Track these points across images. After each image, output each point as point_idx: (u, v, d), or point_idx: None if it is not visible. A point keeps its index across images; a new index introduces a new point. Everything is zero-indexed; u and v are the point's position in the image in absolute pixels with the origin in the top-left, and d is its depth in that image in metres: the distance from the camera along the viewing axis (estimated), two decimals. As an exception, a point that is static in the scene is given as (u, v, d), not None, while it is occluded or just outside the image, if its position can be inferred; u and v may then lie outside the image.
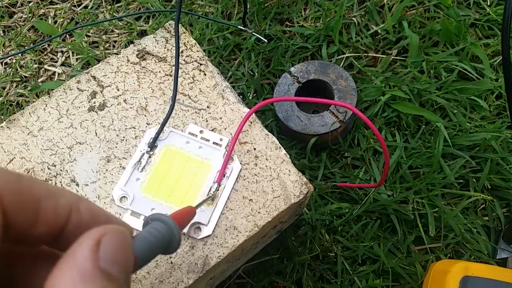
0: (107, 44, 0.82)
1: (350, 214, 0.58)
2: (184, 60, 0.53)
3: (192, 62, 0.53)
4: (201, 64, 0.53)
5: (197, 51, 0.54)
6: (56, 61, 0.82)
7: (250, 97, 0.70)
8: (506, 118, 0.64)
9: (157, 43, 0.54)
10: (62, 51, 0.83)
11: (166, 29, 0.55)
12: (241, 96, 0.68)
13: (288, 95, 0.65)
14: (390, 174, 0.61)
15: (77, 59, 0.81)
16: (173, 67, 0.52)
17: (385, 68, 0.70)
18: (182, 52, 0.53)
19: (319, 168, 0.63)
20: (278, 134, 0.67)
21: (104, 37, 0.82)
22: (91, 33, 0.83)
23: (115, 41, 0.82)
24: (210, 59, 0.70)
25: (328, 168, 0.63)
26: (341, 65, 0.71)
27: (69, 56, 0.82)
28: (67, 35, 0.84)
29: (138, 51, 0.54)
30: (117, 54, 0.54)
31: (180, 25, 0.55)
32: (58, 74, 0.80)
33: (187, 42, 0.54)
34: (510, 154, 0.60)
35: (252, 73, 0.72)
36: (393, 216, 0.58)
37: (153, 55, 0.54)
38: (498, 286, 0.44)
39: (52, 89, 0.52)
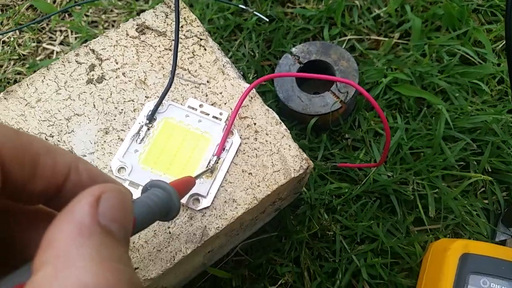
0: (106, 24, 0.81)
1: (349, 194, 0.58)
2: (184, 35, 0.52)
3: (192, 37, 0.52)
4: (201, 39, 0.52)
5: (197, 26, 0.53)
6: (55, 40, 0.81)
7: (251, 78, 0.69)
8: (508, 103, 0.63)
9: (157, 17, 0.53)
10: (60, 30, 0.82)
11: (166, 4, 0.54)
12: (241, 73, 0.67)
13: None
14: (390, 156, 0.61)
15: (75, 38, 0.80)
16: (173, 42, 0.52)
17: (387, 51, 0.70)
18: (182, 27, 0.53)
19: (319, 149, 0.62)
20: (278, 116, 0.66)
21: (103, 16, 0.81)
22: (90, 12, 0.82)
23: (114, 21, 0.81)
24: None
25: (328, 149, 0.63)
26: (343, 48, 0.70)
27: (67, 35, 0.81)
28: (66, 15, 0.83)
29: (137, 25, 0.53)
30: (116, 28, 0.53)
31: (180, 0, 0.54)
32: (57, 52, 0.79)
33: (187, 17, 0.53)
34: (511, 137, 0.60)
35: (252, 54, 0.71)
36: (392, 196, 0.58)
37: (152, 29, 0.53)
38: (497, 263, 0.44)
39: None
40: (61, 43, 0.81)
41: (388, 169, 0.60)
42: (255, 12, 0.68)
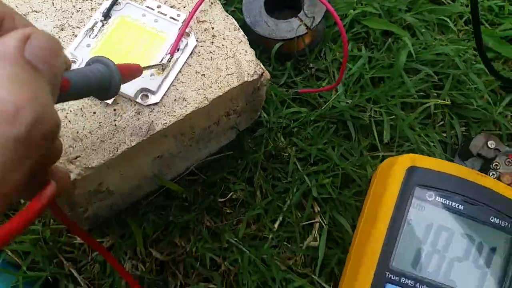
0: None
1: (307, 117, 0.58)
2: None
3: None
4: None
5: None
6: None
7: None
8: (472, 43, 0.64)
9: None
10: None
11: None
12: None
13: (258, 1, 0.63)
14: (351, 84, 0.61)
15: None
16: None
17: (359, -12, 0.69)
18: None
19: (283, 76, 0.62)
20: (245, 42, 0.66)
21: None
22: None
23: None
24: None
25: (291, 77, 0.63)
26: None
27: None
28: None
29: None
30: None
31: None
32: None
33: None
34: (472, 72, 0.60)
35: (223, -20, 0.70)
36: (349, 122, 0.58)
37: None
38: (444, 177, 0.44)
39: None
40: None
41: (348, 96, 0.60)
42: None
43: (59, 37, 0.46)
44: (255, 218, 0.55)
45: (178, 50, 0.45)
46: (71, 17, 0.47)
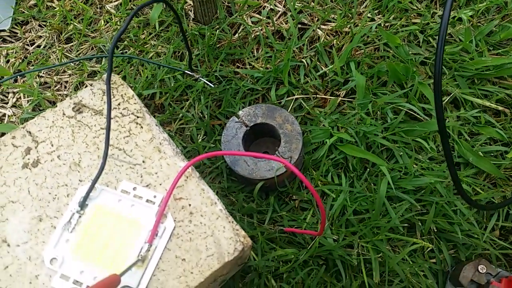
0: (58, 85, 0.81)
1: (296, 260, 0.58)
2: (121, 113, 0.52)
3: (129, 115, 0.52)
4: (138, 117, 0.52)
5: (135, 103, 0.53)
6: (7, 103, 0.81)
7: (200, 140, 0.69)
8: (455, 157, 0.64)
9: (94, 95, 0.54)
10: (13, 92, 0.82)
11: (103, 81, 0.54)
12: (188, 140, 0.67)
13: (236, 139, 0.64)
14: (335, 218, 0.61)
15: (28, 101, 0.80)
16: (110, 120, 0.52)
17: (334, 109, 0.70)
18: (119, 104, 0.53)
19: (267, 211, 0.62)
20: (228, 176, 0.66)
21: (55, 78, 0.81)
22: (43, 73, 0.82)
23: (66, 82, 0.81)
24: (160, 101, 0.70)
25: (276, 211, 0.63)
26: (290, 107, 0.71)
27: (20, 97, 0.81)
28: (18, 76, 0.83)
29: (74, 104, 0.53)
30: (53, 107, 0.53)
31: (118, 76, 0.55)
32: (8, 116, 0.79)
33: (125, 94, 0.54)
34: (455, 198, 0.60)
35: (202, 115, 0.72)
36: (338, 261, 0.58)
37: (89, 108, 0.53)
38: None
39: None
40: (13, 106, 0.80)
41: (334, 231, 0.60)
42: (201, 78, 0.69)
43: (38, 229, 0.46)
44: None
45: (156, 235, 0.45)
46: (48, 206, 0.47)
